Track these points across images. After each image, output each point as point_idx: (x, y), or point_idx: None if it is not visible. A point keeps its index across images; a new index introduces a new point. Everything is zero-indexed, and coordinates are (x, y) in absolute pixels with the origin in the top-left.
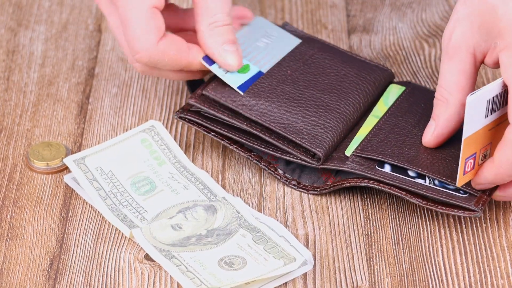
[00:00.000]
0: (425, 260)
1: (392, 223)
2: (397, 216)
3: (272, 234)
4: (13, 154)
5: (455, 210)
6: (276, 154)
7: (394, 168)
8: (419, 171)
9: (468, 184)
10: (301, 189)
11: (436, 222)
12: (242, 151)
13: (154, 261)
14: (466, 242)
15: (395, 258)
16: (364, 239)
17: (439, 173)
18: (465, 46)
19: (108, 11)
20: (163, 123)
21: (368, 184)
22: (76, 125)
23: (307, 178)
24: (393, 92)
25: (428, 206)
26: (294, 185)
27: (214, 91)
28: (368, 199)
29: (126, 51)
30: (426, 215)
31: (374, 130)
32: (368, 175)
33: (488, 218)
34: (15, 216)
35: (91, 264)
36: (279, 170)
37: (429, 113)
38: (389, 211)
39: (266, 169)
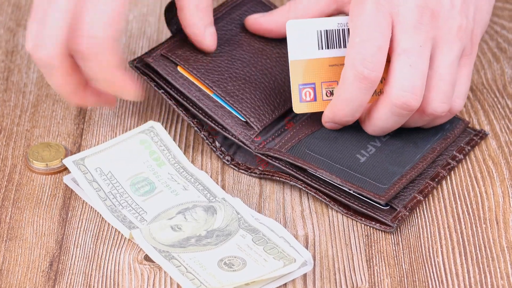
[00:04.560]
0: (425, 261)
1: None
2: None
3: (271, 235)
4: (12, 154)
5: (373, 223)
6: (217, 128)
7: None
8: (343, 186)
9: (393, 197)
10: (233, 166)
11: (436, 223)
12: (186, 116)
13: (154, 262)
14: (466, 243)
15: (395, 259)
16: (364, 240)
17: (364, 186)
18: None
19: None
20: (162, 124)
21: (296, 184)
22: (76, 126)
23: (242, 156)
24: None
25: (349, 216)
26: (227, 160)
27: (173, 54)
28: None
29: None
30: (426, 216)
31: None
32: (297, 176)
33: (488, 218)
34: (14, 217)
35: (91, 265)
36: (216, 142)
37: None
38: None
39: (205, 138)
